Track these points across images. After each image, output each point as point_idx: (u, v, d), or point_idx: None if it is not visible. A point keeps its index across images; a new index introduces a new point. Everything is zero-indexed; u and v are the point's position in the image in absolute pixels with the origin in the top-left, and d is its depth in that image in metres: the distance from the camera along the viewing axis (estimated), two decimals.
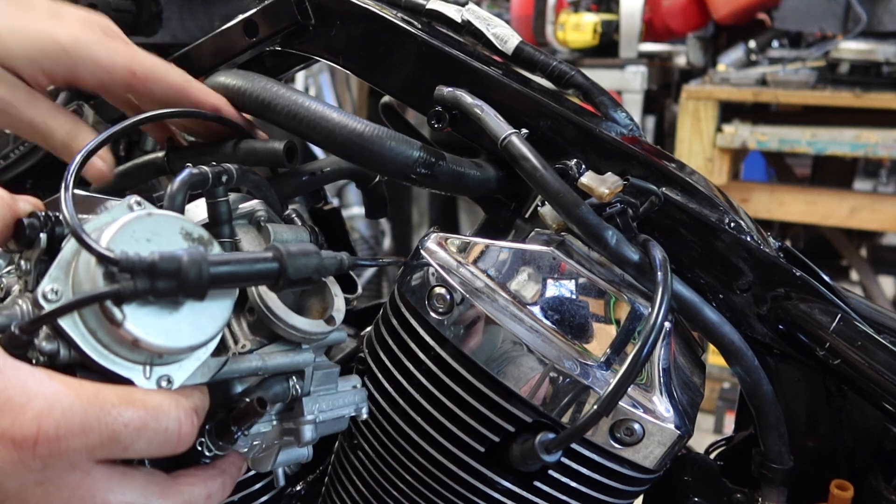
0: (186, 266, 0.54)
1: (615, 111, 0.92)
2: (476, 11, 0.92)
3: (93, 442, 0.52)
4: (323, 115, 0.79)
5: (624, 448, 0.75)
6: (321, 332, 0.71)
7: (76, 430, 0.52)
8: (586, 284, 0.78)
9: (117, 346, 0.56)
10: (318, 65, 1.02)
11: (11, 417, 0.50)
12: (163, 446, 0.57)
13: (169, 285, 0.54)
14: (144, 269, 0.54)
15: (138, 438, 0.55)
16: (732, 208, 0.87)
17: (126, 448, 0.55)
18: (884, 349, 0.79)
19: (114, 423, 0.53)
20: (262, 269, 0.61)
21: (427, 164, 0.80)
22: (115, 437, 0.53)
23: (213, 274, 0.56)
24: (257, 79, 0.83)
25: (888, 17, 3.03)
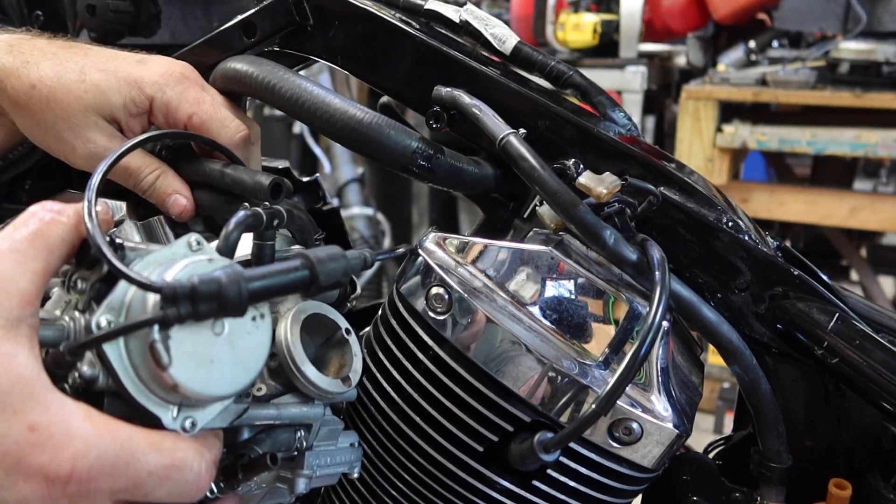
0: (226, 286, 0.55)
1: (613, 111, 0.92)
2: (474, 11, 0.92)
3: (119, 486, 0.54)
4: (324, 100, 0.79)
5: (622, 447, 0.75)
6: (336, 392, 0.73)
7: (106, 474, 0.53)
8: (585, 284, 0.78)
9: (155, 384, 0.57)
10: (318, 65, 1.02)
11: (50, 455, 0.51)
12: (180, 496, 0.58)
13: (210, 307, 0.55)
14: (186, 294, 0.55)
15: (160, 487, 0.56)
16: (731, 208, 0.87)
17: (146, 495, 0.56)
18: (882, 348, 0.79)
19: (140, 471, 0.55)
20: (296, 279, 0.61)
21: (426, 155, 0.80)
22: (140, 484, 0.55)
23: (251, 290, 0.57)
24: (265, 64, 0.84)
25: (888, 17, 3.03)
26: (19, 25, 1.07)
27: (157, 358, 0.55)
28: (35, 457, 0.51)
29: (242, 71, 0.85)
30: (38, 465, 0.51)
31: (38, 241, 0.57)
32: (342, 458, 0.78)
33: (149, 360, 0.56)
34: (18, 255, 0.56)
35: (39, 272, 0.56)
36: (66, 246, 0.59)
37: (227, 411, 0.65)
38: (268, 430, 0.71)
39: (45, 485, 0.51)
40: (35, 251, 0.57)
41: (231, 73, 0.86)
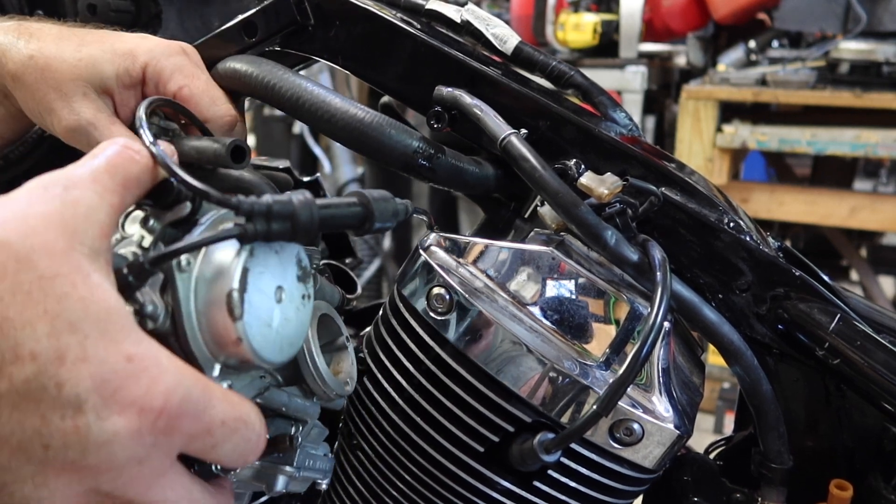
0: (299, 208, 0.57)
1: (614, 111, 0.92)
2: (475, 11, 0.92)
3: (196, 429, 0.52)
4: (325, 100, 0.79)
5: (623, 448, 0.75)
6: (339, 393, 0.74)
7: (190, 413, 0.51)
8: (586, 284, 0.78)
9: (212, 336, 0.57)
10: (318, 65, 1.02)
11: (146, 386, 0.49)
12: (241, 455, 0.56)
13: (284, 227, 0.57)
14: (262, 212, 0.56)
15: (227, 440, 0.54)
16: (732, 208, 0.87)
17: (214, 446, 0.54)
18: (883, 349, 0.79)
19: (215, 418, 0.53)
20: (355, 213, 0.63)
21: (426, 155, 0.80)
22: (211, 432, 0.53)
23: (321, 216, 0.58)
24: (265, 63, 0.84)
25: (888, 17, 3.03)
26: None
27: (231, 307, 0.55)
28: (131, 388, 0.48)
29: (242, 70, 0.85)
30: (133, 396, 0.48)
31: (118, 175, 0.56)
32: (320, 465, 0.77)
33: (218, 308, 0.56)
34: (99, 185, 0.54)
35: (116, 206, 0.55)
36: (140, 185, 0.58)
37: (253, 385, 0.64)
38: (269, 417, 0.70)
39: (137, 417, 0.48)
40: (114, 184, 0.55)
41: (230, 72, 0.86)
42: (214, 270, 0.56)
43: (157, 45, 0.82)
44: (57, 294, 0.47)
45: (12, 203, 0.50)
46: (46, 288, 0.47)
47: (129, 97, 0.83)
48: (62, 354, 0.47)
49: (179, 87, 0.81)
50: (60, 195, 0.52)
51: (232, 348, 0.57)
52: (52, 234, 0.49)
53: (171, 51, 0.82)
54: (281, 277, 0.60)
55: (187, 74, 0.82)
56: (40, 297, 0.47)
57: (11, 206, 0.50)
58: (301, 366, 0.71)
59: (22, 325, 0.46)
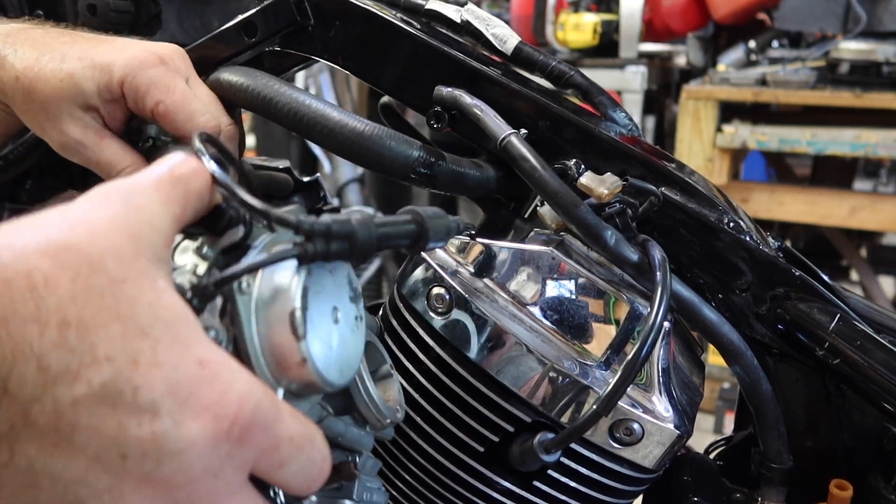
0: (358, 228, 0.56)
1: (614, 111, 0.92)
2: (475, 11, 0.92)
3: (264, 444, 0.50)
4: (323, 113, 0.79)
5: (623, 448, 0.75)
6: (391, 420, 0.71)
7: (260, 424, 0.49)
8: (586, 284, 0.78)
9: (275, 358, 0.55)
10: (318, 65, 1.02)
11: (219, 392, 0.47)
12: (306, 478, 0.53)
13: (343, 247, 0.56)
14: (322, 232, 0.55)
15: (294, 459, 0.51)
16: (732, 208, 0.87)
17: (281, 464, 0.51)
18: (883, 349, 0.79)
19: (283, 433, 0.50)
20: (409, 231, 0.62)
21: (427, 163, 0.80)
22: (278, 448, 0.50)
23: (378, 234, 0.58)
24: (259, 76, 0.84)
25: (888, 17, 3.03)
26: None
27: (294, 326, 0.53)
28: (205, 392, 0.46)
29: (237, 83, 0.84)
30: (207, 401, 0.46)
31: (180, 186, 0.54)
32: (377, 498, 0.73)
33: (280, 329, 0.54)
34: (162, 194, 0.52)
35: (178, 216, 0.53)
36: (201, 200, 0.56)
37: (313, 412, 0.63)
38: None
39: (212, 423, 0.46)
40: (177, 194, 0.53)
41: (225, 85, 0.85)
42: (274, 291, 0.55)
43: (134, 57, 0.80)
44: (127, 298, 0.46)
45: (77, 208, 0.49)
46: (117, 291, 0.46)
47: (114, 110, 0.82)
48: (136, 358, 0.45)
49: (156, 104, 0.79)
50: (124, 202, 0.50)
51: (296, 370, 0.55)
52: (118, 238, 0.48)
53: (148, 63, 0.80)
54: (336, 298, 0.59)
55: (162, 89, 0.80)
56: (112, 300, 0.46)
57: (76, 211, 0.49)
58: (353, 393, 0.69)
59: (96, 327, 0.45)
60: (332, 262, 0.59)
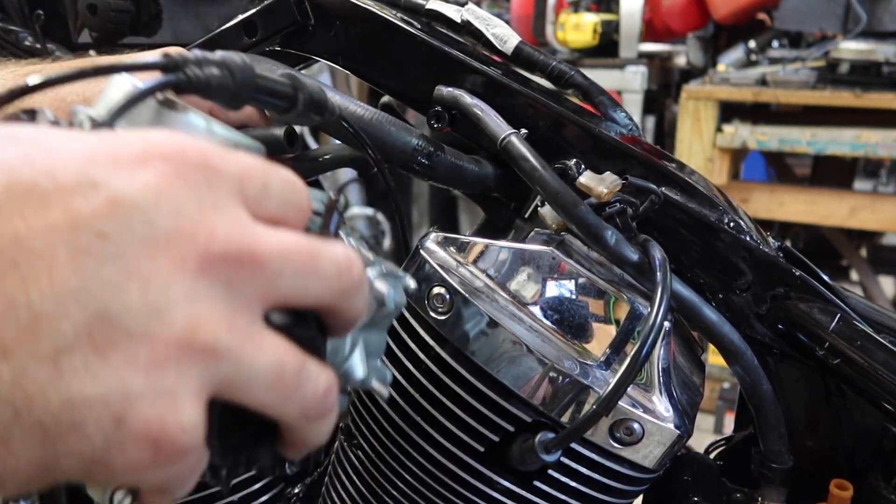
0: (231, 63, 0.52)
1: (614, 111, 0.92)
2: (475, 11, 0.92)
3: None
4: None
5: (623, 448, 0.75)
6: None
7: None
8: (586, 284, 0.78)
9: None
10: (318, 65, 1.02)
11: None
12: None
13: (222, 79, 0.51)
14: (195, 62, 0.50)
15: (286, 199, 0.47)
16: (732, 208, 0.87)
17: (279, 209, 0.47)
18: (883, 349, 0.79)
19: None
20: (284, 90, 0.58)
21: (426, 153, 0.81)
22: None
23: (256, 76, 0.54)
24: (263, 62, 0.84)
25: (888, 17, 3.03)
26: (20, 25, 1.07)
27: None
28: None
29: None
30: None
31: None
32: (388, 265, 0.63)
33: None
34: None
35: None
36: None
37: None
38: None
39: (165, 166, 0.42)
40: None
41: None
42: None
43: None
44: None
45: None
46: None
47: None
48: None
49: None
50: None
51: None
52: None
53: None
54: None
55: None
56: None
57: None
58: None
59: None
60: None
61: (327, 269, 0.45)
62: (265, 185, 0.45)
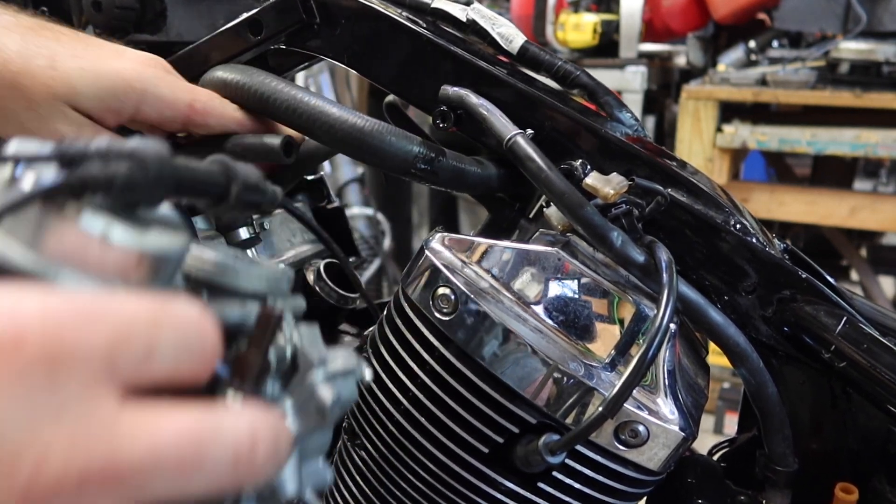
0: (144, 155, 0.43)
1: (620, 111, 0.91)
2: (481, 10, 0.92)
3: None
4: (323, 110, 0.79)
5: (628, 450, 0.75)
6: (285, 276, 0.57)
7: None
8: (591, 285, 0.77)
9: (79, 260, 0.42)
10: (319, 64, 1.01)
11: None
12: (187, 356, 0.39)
13: (129, 179, 0.42)
14: (97, 155, 0.42)
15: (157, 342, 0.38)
16: (737, 209, 0.87)
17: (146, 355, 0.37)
18: (890, 352, 0.79)
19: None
20: (215, 183, 0.50)
21: (427, 159, 0.80)
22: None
23: (172, 171, 0.45)
24: (255, 73, 0.84)
25: (888, 17, 3.03)
26: None
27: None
28: None
29: (233, 81, 0.84)
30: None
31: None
32: (343, 354, 0.57)
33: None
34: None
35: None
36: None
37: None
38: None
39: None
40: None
41: (221, 83, 0.85)
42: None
43: (148, 66, 0.81)
44: None
45: None
46: None
47: (110, 116, 0.81)
48: None
49: (189, 104, 0.82)
50: None
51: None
52: None
53: (163, 71, 0.82)
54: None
55: (188, 90, 0.83)
56: None
57: None
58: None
59: None
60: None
61: (218, 460, 0.37)
62: (150, 345, 0.36)
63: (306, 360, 0.54)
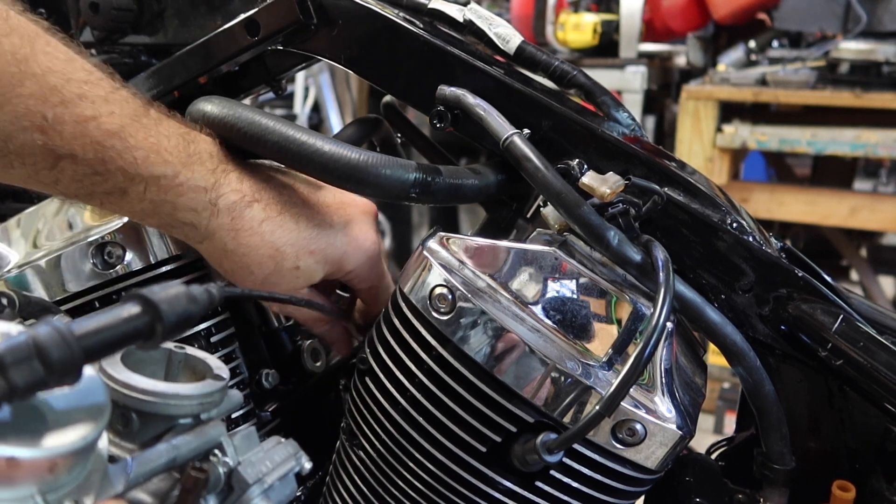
0: (47, 346, 0.43)
1: (617, 111, 0.92)
2: (478, 11, 0.92)
3: None
4: (315, 148, 0.78)
5: (626, 448, 0.75)
6: (216, 390, 0.63)
7: None
8: (588, 284, 0.78)
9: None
10: (319, 65, 1.02)
11: None
12: None
13: (33, 376, 0.43)
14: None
15: None
16: (734, 208, 0.87)
17: None
18: (886, 350, 0.79)
19: None
20: (136, 326, 0.49)
21: (423, 183, 0.80)
22: None
23: (85, 347, 0.45)
24: (243, 111, 0.82)
25: (888, 17, 3.03)
26: None
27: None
28: None
29: (221, 118, 0.82)
30: None
31: None
32: (280, 455, 0.65)
33: None
34: None
35: None
36: None
37: (109, 480, 0.53)
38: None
39: None
40: None
41: (209, 119, 0.83)
42: None
43: (364, 253, 0.89)
44: None
45: None
46: None
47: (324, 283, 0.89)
48: None
49: (368, 289, 0.92)
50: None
51: (19, 474, 0.45)
52: None
53: (374, 259, 0.90)
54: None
55: (377, 276, 0.92)
56: None
57: None
58: (148, 410, 0.60)
59: None
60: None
61: None
62: None
63: (241, 480, 0.58)
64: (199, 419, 0.62)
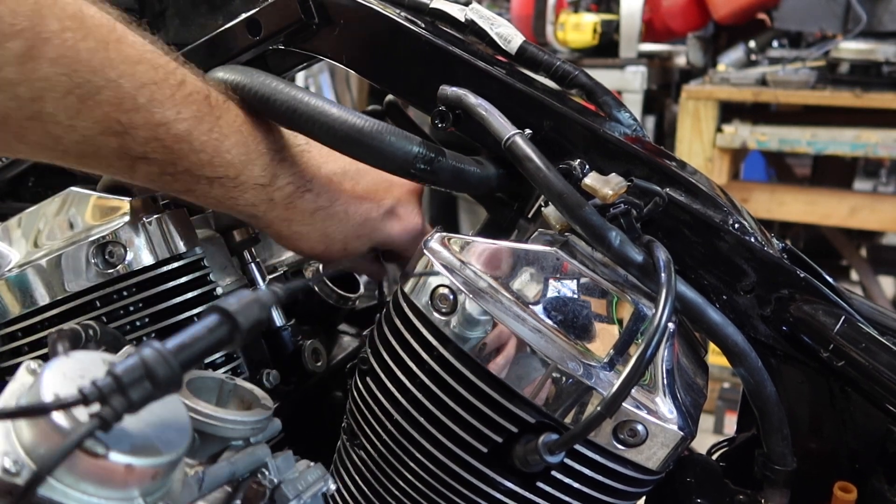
0: (153, 365, 0.49)
1: (619, 111, 0.91)
2: (480, 11, 0.92)
3: None
4: (322, 110, 0.79)
5: (627, 449, 0.75)
6: (264, 418, 0.71)
7: None
8: (590, 285, 0.77)
9: (107, 487, 0.51)
10: (319, 64, 1.01)
11: None
12: None
13: (144, 391, 0.49)
14: (114, 389, 0.48)
15: None
16: (735, 209, 0.87)
17: None
18: (888, 351, 0.79)
19: None
20: (220, 335, 0.54)
21: (427, 159, 0.80)
22: None
23: (182, 360, 0.51)
24: (255, 74, 0.83)
25: (888, 17, 3.02)
26: None
27: (92, 453, 0.50)
28: None
29: (233, 82, 0.84)
30: None
31: None
32: (313, 476, 0.72)
33: (85, 464, 0.50)
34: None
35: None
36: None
37: (189, 486, 0.61)
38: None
39: None
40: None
41: (220, 83, 0.84)
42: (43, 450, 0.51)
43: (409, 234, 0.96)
44: None
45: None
46: None
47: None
48: None
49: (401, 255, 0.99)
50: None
51: (132, 476, 0.52)
52: None
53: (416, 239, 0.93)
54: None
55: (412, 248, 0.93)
56: None
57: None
58: (209, 432, 0.67)
59: None
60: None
61: None
62: None
63: (283, 496, 0.67)
64: (249, 442, 0.70)
